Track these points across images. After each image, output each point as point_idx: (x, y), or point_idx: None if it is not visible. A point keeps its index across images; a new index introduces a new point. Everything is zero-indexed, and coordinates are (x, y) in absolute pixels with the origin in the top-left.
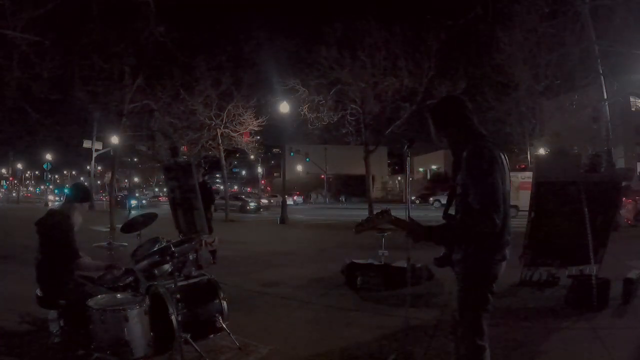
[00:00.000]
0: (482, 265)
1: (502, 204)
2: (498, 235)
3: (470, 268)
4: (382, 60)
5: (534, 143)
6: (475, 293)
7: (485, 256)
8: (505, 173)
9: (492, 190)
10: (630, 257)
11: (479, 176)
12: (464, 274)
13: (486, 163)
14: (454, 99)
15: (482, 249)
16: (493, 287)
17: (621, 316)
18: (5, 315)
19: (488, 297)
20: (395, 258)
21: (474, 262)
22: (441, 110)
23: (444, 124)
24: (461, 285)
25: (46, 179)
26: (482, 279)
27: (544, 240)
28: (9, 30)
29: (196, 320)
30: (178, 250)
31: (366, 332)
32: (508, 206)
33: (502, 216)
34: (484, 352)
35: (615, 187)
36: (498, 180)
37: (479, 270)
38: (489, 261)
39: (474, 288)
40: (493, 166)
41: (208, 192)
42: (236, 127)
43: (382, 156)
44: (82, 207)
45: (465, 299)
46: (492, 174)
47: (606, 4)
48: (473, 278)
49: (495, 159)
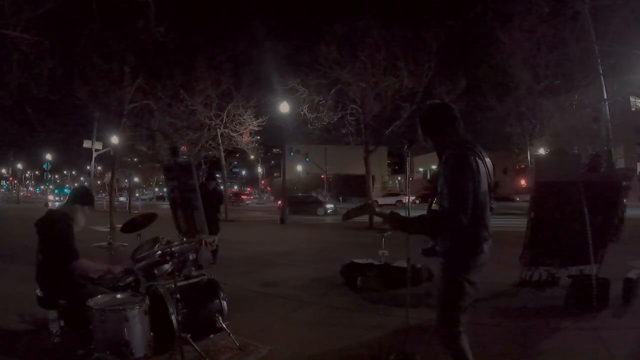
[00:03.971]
0: (460, 257)
1: (473, 204)
2: (474, 231)
3: (450, 259)
4: (382, 60)
5: (534, 143)
6: (454, 282)
7: (462, 249)
8: (481, 176)
9: (461, 193)
10: (630, 257)
11: (451, 180)
12: (445, 264)
13: (458, 169)
14: (442, 107)
15: (459, 242)
16: (471, 277)
17: (621, 316)
18: (5, 315)
19: (465, 285)
20: (395, 258)
21: (452, 254)
22: (429, 117)
23: (430, 130)
24: (442, 274)
25: (46, 179)
26: (461, 270)
27: (544, 240)
28: (9, 30)
29: (196, 320)
30: (178, 250)
31: (366, 332)
32: (486, 205)
33: (471, 215)
34: (459, 336)
35: (615, 187)
36: (468, 184)
37: (457, 262)
38: (466, 254)
39: (453, 277)
40: (465, 171)
41: (217, 194)
42: (236, 127)
43: (382, 156)
44: (84, 210)
45: (444, 286)
46: (463, 178)
47: (606, 4)
48: (452, 269)
49: (469, 165)
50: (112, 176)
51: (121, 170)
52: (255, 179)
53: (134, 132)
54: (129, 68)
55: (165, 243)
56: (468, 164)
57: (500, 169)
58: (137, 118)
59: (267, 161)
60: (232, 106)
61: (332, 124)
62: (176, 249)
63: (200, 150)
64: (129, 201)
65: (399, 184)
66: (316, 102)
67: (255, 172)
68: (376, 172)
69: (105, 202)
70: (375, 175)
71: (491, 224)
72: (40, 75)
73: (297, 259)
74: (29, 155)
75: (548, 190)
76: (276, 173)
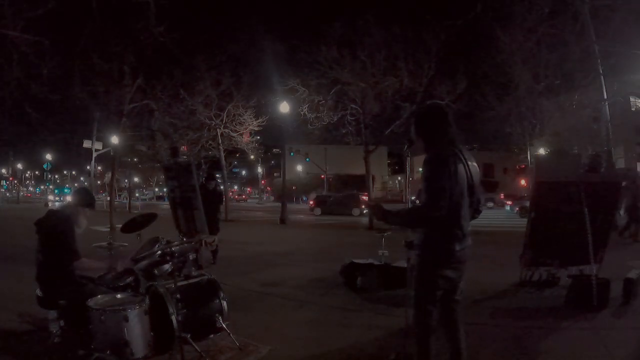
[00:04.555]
0: (431, 252)
1: (446, 203)
2: (446, 229)
3: (422, 253)
4: (382, 60)
5: (534, 143)
6: (425, 275)
7: (433, 244)
8: (458, 178)
9: (435, 190)
10: (630, 257)
11: (427, 178)
12: (418, 256)
13: (435, 168)
14: (437, 109)
15: (431, 238)
16: (444, 272)
17: (621, 316)
18: (5, 315)
19: (437, 280)
20: (395, 258)
21: (424, 249)
22: (422, 118)
23: (422, 130)
24: (416, 267)
25: (46, 179)
26: (431, 264)
27: (544, 240)
28: (9, 30)
29: (196, 320)
30: (178, 250)
31: (366, 332)
32: (461, 206)
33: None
34: (430, 334)
35: (615, 187)
36: (443, 183)
37: (428, 256)
38: (436, 249)
39: (425, 270)
40: (441, 171)
41: (217, 194)
42: (236, 127)
43: (382, 156)
44: (85, 212)
45: (417, 278)
46: (439, 177)
47: (606, 4)
48: (424, 262)
49: (446, 166)
50: (112, 176)
51: (121, 170)
52: (255, 179)
53: (134, 132)
54: (129, 68)
55: (165, 243)
56: (445, 164)
57: (500, 169)
58: (137, 118)
59: (267, 161)
60: (232, 106)
61: (332, 124)
62: (176, 249)
63: (200, 150)
64: (129, 201)
65: (399, 184)
66: (316, 102)
67: (255, 172)
68: (376, 172)
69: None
70: (375, 175)
71: (468, 224)
72: (40, 75)
73: (297, 259)
74: (29, 155)
75: (548, 190)
76: (276, 173)
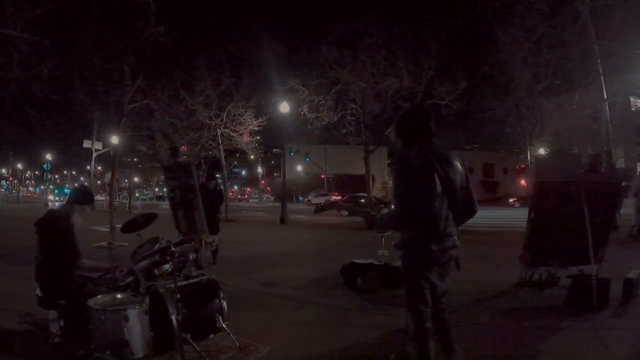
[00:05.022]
0: (409, 252)
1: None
2: (422, 230)
3: (402, 253)
4: (382, 60)
5: (534, 143)
6: (408, 273)
7: (411, 245)
8: (430, 180)
9: (404, 194)
10: (630, 257)
11: (395, 181)
12: (400, 257)
13: (400, 171)
14: (419, 112)
15: (408, 239)
16: (425, 272)
17: (621, 316)
18: (5, 315)
19: (421, 282)
20: (395, 258)
21: (404, 249)
22: (404, 120)
23: (400, 132)
24: (401, 267)
25: (46, 179)
26: (411, 263)
27: (544, 240)
28: (9, 30)
29: (196, 320)
30: (178, 250)
31: (366, 332)
32: (439, 208)
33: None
34: (426, 331)
35: (615, 187)
36: (406, 186)
37: (407, 256)
38: (414, 250)
39: (406, 270)
40: (405, 174)
41: (217, 194)
42: (236, 127)
43: (382, 156)
44: (83, 209)
45: (404, 278)
46: (402, 180)
47: (606, 4)
48: (404, 262)
49: (410, 168)
50: (112, 176)
51: (121, 170)
52: (255, 179)
53: (134, 132)
54: (129, 68)
55: (165, 243)
56: (409, 167)
57: (500, 169)
58: (137, 118)
59: (267, 161)
60: (232, 106)
61: (332, 124)
62: (176, 249)
63: (200, 150)
64: (129, 201)
65: None
66: (316, 102)
67: (255, 172)
68: (376, 172)
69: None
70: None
71: (448, 224)
72: (40, 75)
73: (297, 259)
74: (29, 155)
75: (548, 190)
76: (276, 173)
